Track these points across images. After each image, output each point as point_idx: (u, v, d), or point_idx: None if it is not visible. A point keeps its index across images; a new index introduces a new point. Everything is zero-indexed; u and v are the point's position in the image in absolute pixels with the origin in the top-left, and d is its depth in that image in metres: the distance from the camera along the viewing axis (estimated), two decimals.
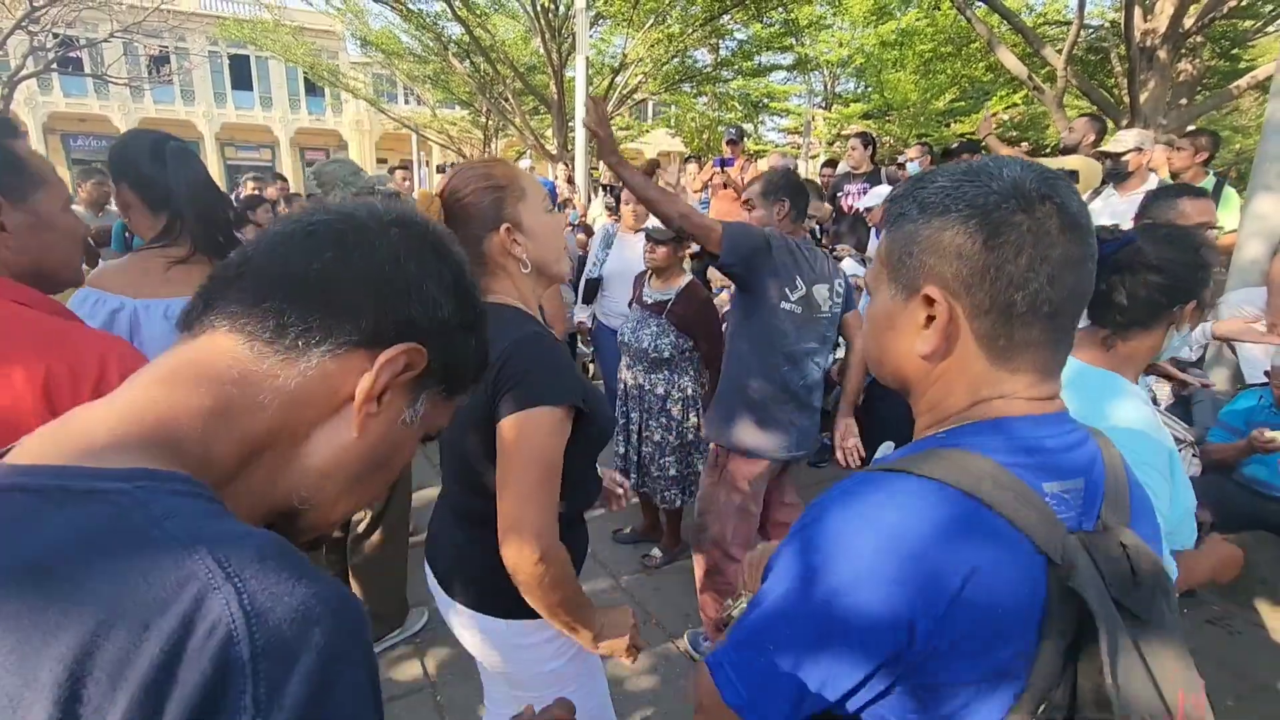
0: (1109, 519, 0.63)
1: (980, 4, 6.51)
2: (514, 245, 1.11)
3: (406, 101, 22.54)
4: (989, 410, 0.64)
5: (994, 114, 4.33)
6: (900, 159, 4.65)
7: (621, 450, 2.93)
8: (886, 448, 0.82)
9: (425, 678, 2.33)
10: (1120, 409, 1.20)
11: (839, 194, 5.29)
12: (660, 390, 2.77)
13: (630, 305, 3.02)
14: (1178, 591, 1.18)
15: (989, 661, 0.58)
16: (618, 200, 4.69)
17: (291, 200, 5.42)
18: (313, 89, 26.41)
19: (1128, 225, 3.48)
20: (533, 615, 1.10)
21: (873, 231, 4.68)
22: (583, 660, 1.22)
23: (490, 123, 14.99)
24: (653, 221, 2.71)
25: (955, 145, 5.34)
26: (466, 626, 1.19)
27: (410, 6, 10.83)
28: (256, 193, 5.33)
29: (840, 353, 3.15)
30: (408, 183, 6.54)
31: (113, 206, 4.77)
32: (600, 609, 1.16)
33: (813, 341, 2.12)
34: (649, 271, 2.86)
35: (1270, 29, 8.91)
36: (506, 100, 12.38)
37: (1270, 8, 8.18)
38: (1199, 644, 2.58)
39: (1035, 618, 0.57)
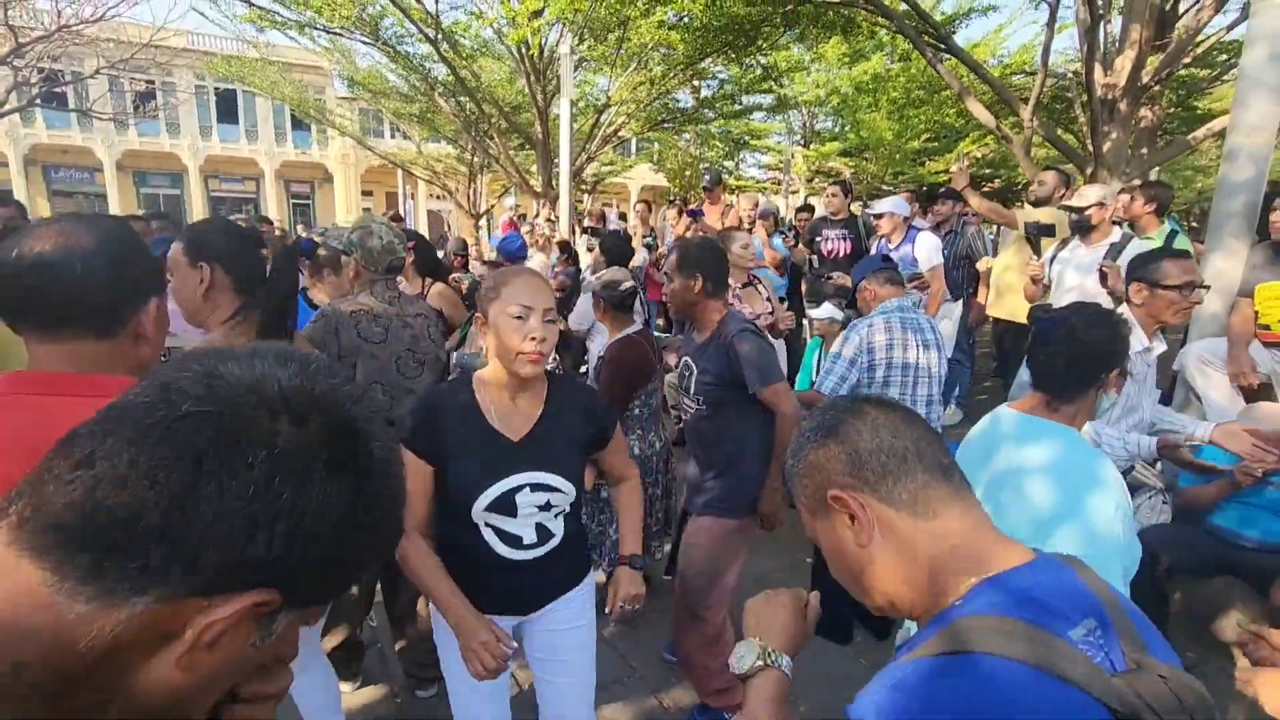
0: (1132, 653, 0.66)
1: (949, 56, 6.78)
2: (481, 332, 1.51)
3: (393, 136, 22.76)
4: (974, 568, 0.72)
5: (967, 153, 4.47)
6: (876, 208, 4.80)
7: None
8: (908, 628, 0.92)
9: None
10: (1071, 453, 1.40)
11: (817, 238, 5.42)
12: None
13: None
14: None
15: None
16: (602, 243, 4.77)
17: (281, 240, 5.41)
18: (299, 122, 26.54)
19: (1093, 276, 3.60)
20: None
21: (881, 242, 4.78)
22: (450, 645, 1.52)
23: (476, 159, 15.17)
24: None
25: (941, 190, 5.49)
26: None
27: (397, 48, 11.01)
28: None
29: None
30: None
31: None
32: (470, 614, 1.43)
33: None
34: None
35: (1226, 77, 9.35)
36: (492, 138, 12.55)
37: (1224, 57, 8.59)
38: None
39: None
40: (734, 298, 3.22)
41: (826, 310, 4.45)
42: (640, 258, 6.74)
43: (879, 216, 4.68)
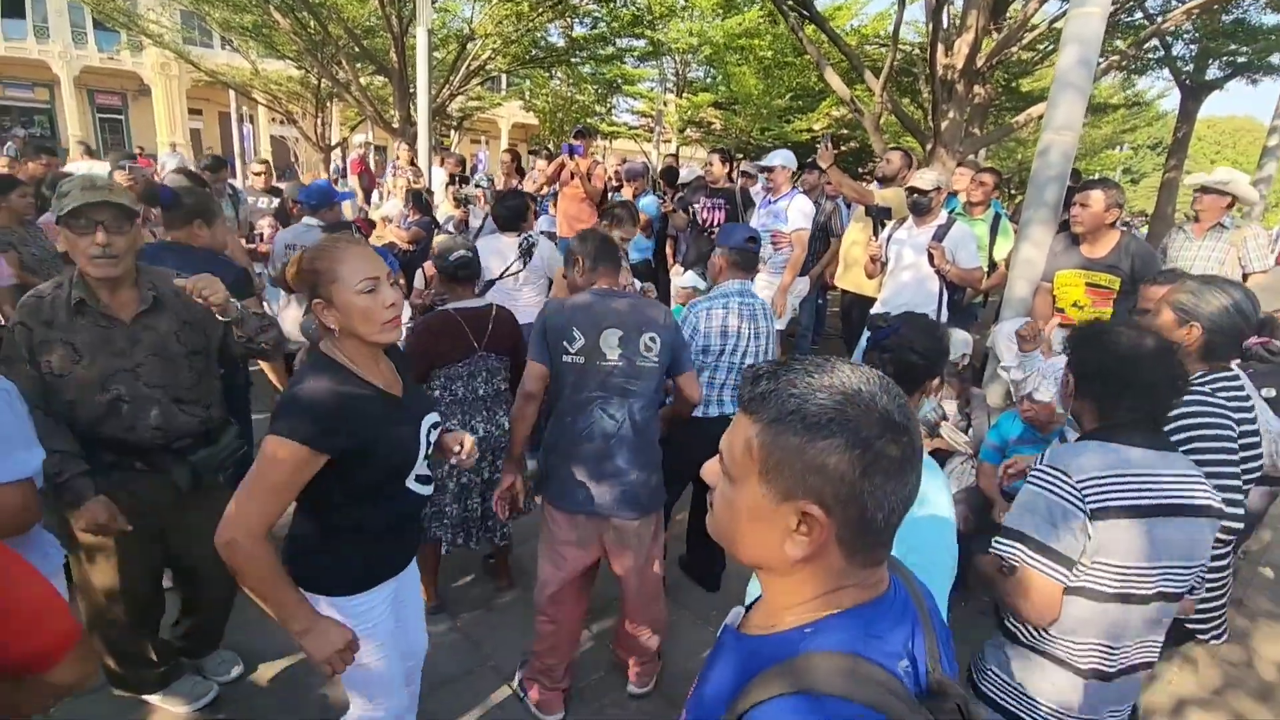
0: (934, 674, 0.73)
1: (810, 23, 6.91)
2: (325, 316, 1.46)
3: (224, 48, 19.92)
4: (839, 600, 0.72)
5: (831, 139, 4.58)
6: (768, 160, 4.87)
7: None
8: (735, 614, 0.88)
9: None
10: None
11: (694, 205, 5.43)
12: None
13: None
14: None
15: None
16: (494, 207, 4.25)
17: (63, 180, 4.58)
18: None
19: (924, 255, 3.85)
20: (314, 589, 1.51)
21: (763, 199, 4.89)
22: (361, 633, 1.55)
23: (323, 86, 13.71)
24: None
25: (809, 161, 5.59)
26: None
27: None
28: (8, 172, 4.47)
29: None
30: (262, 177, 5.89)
31: None
32: (319, 618, 1.45)
33: (598, 391, 2.14)
34: None
35: (1047, 61, 10.30)
36: (340, 64, 11.36)
37: (1045, 44, 9.45)
38: (974, 634, 2.98)
39: None
40: None
41: (689, 279, 4.50)
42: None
43: (770, 169, 4.77)
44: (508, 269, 3.80)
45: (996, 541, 1.54)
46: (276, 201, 5.68)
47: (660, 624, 2.45)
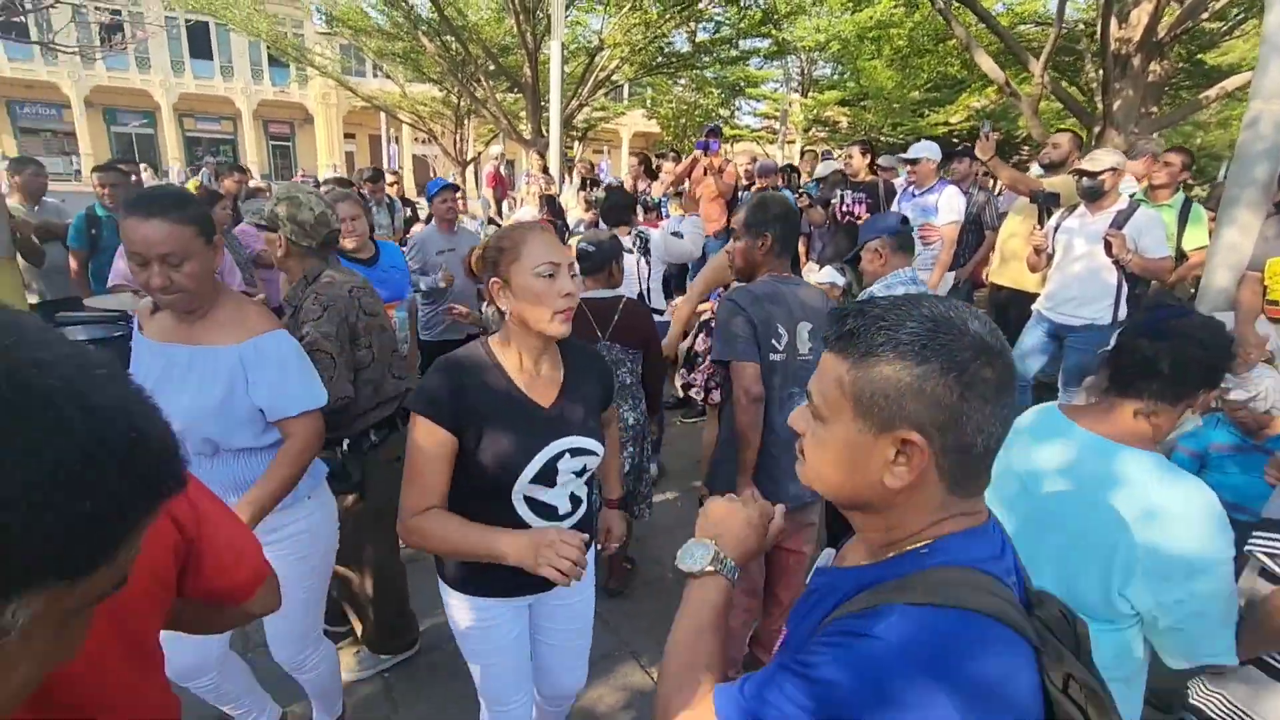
0: (1031, 588, 0.76)
1: (958, 3, 6.48)
2: (499, 296, 1.41)
3: (375, 76, 21.84)
4: (952, 526, 0.73)
5: (990, 128, 4.24)
6: (911, 153, 4.66)
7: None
8: (827, 555, 0.90)
9: None
10: (1193, 502, 1.17)
11: (832, 201, 5.25)
12: None
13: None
14: None
15: None
16: (600, 203, 4.34)
17: (255, 196, 5.16)
18: (276, 58, 25.44)
19: (1099, 244, 3.46)
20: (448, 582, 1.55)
21: (904, 192, 4.73)
22: (473, 632, 1.56)
23: (462, 103, 14.61)
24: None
25: (959, 149, 5.31)
26: None
27: None
28: (208, 188, 5.09)
29: None
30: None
31: (50, 199, 4.41)
32: (523, 535, 1.32)
33: (794, 386, 2.07)
34: None
35: (1237, 31, 9.06)
36: (478, 81, 12.05)
37: (1236, 11, 8.31)
38: None
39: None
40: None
41: (828, 274, 4.32)
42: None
43: (914, 162, 4.57)
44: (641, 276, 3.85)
45: (1255, 534, 1.31)
46: (409, 210, 6.25)
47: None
